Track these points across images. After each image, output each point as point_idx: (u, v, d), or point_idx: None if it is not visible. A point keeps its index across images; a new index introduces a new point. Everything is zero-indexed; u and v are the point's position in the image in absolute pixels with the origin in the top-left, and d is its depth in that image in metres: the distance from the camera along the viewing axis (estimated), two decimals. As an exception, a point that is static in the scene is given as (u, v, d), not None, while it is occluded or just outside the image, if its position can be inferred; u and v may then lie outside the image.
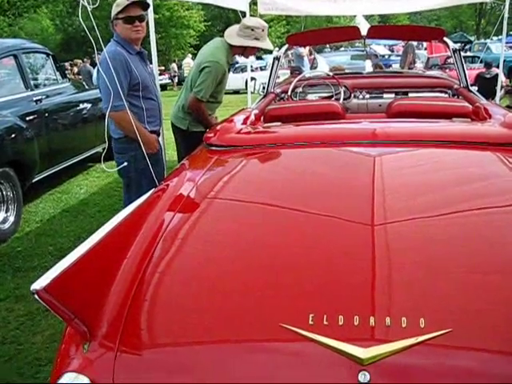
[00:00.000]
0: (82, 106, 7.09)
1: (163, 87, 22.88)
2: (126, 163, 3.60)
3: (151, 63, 4.84)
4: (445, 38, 4.03)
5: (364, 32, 4.23)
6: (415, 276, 1.45)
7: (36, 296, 1.24)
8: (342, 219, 1.75)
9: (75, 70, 18.68)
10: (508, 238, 1.62)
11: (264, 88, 4.29)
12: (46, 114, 6.04)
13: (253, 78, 9.45)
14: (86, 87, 8.30)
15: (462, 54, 4.52)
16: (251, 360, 1.31)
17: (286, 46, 4.52)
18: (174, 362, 1.33)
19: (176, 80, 26.12)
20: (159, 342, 1.43)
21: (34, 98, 5.93)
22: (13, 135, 5.28)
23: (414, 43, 13.96)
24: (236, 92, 19.36)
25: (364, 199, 1.78)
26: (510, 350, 1.25)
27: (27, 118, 5.61)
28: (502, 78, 9.36)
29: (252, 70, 16.05)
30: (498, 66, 9.73)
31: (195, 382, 1.29)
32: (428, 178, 2.06)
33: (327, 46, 28.81)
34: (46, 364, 2.89)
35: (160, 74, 22.39)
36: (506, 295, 1.39)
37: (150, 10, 4.51)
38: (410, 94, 4.18)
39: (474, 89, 3.90)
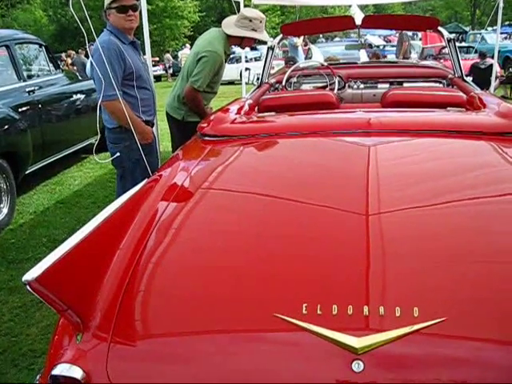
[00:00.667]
0: (75, 96, 7.05)
1: (158, 78, 22.80)
2: (119, 153, 3.59)
3: (144, 54, 4.81)
4: (439, 28, 4.01)
5: (358, 22, 4.21)
6: (409, 266, 1.45)
7: (28, 287, 1.24)
8: (337, 209, 1.75)
9: (69, 61, 18.54)
10: (502, 228, 1.62)
11: (258, 78, 4.27)
12: (39, 105, 6.00)
13: (247, 69, 9.43)
14: (80, 78, 8.26)
15: (457, 44, 4.51)
16: (245, 350, 1.31)
17: (281, 35, 4.49)
18: (167, 352, 1.32)
19: (171, 71, 25.99)
20: (152, 332, 1.42)
21: (27, 89, 5.89)
22: (6, 126, 5.24)
23: (409, 33, 13.96)
24: (231, 83, 19.27)
25: (359, 189, 1.78)
26: (502, 339, 1.25)
27: (20, 109, 5.58)
28: (496, 69, 9.36)
29: (246, 61, 16.00)
30: (492, 57, 9.73)
31: (189, 372, 1.28)
32: (422, 167, 2.05)
33: (321, 36, 28.77)
34: (41, 355, 2.89)
35: (154, 65, 22.37)
36: (499, 284, 1.39)
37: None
38: (405, 84, 4.17)
39: (469, 79, 3.90)
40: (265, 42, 4.61)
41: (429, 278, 1.40)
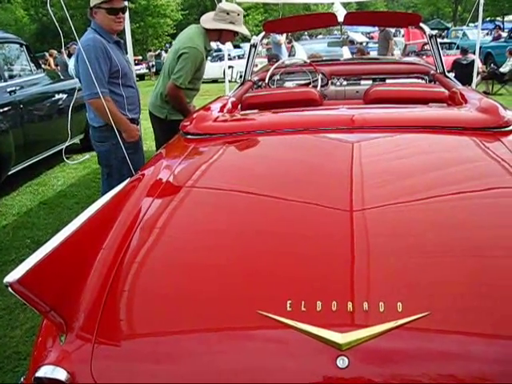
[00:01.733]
0: (57, 96, 7.00)
1: (141, 77, 22.69)
2: (105, 152, 3.60)
3: (127, 53, 4.79)
4: (421, 24, 4.03)
5: (341, 19, 4.21)
6: (393, 261, 1.45)
7: (10, 289, 1.22)
8: (321, 205, 1.75)
9: (51, 60, 18.32)
10: (484, 222, 1.63)
11: (241, 76, 4.26)
12: (21, 106, 5.96)
13: (230, 67, 9.42)
14: (62, 78, 8.20)
15: (439, 40, 4.53)
16: (229, 348, 1.31)
17: (263, 33, 4.48)
18: (152, 351, 1.32)
19: (154, 70, 25.86)
20: (137, 332, 1.42)
21: (8, 89, 5.84)
22: (-14, 127, 5.21)
23: (392, 30, 13.99)
24: (214, 81, 19.29)
25: (343, 185, 1.78)
26: (487, 332, 1.26)
27: (1, 110, 5.54)
28: (478, 64, 9.44)
29: (230, 59, 16.00)
30: (474, 53, 9.81)
31: (174, 371, 1.28)
32: (406, 163, 2.06)
33: (305, 33, 28.82)
34: (25, 358, 2.86)
35: (137, 64, 22.25)
36: (482, 278, 1.40)
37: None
38: (387, 81, 4.19)
39: (451, 75, 3.92)
40: (248, 40, 4.60)
41: (412, 273, 1.41)
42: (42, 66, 8.04)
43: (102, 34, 3.47)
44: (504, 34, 19.76)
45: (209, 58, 4.43)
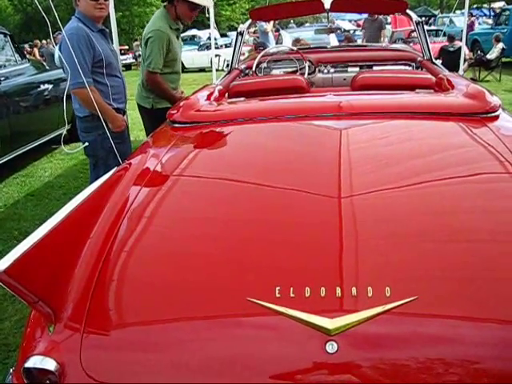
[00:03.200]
0: (43, 86, 6.93)
1: (127, 67, 22.50)
2: (92, 142, 3.58)
3: (113, 42, 4.76)
4: (408, 11, 4.03)
5: (327, 6, 4.20)
6: (380, 246, 1.46)
7: None
8: (309, 192, 1.75)
9: (35, 51, 18.11)
10: (472, 208, 1.64)
11: (228, 65, 4.24)
12: (6, 96, 5.89)
13: (217, 55, 9.36)
14: (47, 68, 8.13)
15: (426, 27, 4.53)
16: (219, 336, 1.31)
17: (250, 20, 4.46)
18: (141, 340, 1.32)
19: (140, 59, 25.66)
20: (125, 321, 1.41)
21: (-7, 80, 5.79)
22: (-28, 119, 5.16)
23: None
24: (202, 70, 19.19)
25: (331, 172, 1.78)
26: (474, 316, 1.27)
27: (-14, 101, 5.48)
28: (465, 51, 9.44)
29: (217, 48, 15.92)
30: (461, 40, 9.82)
31: (164, 360, 1.28)
32: (393, 149, 2.07)
33: (291, 21, 28.70)
34: (15, 349, 2.85)
35: (124, 54, 22.06)
36: (469, 262, 1.41)
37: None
38: (375, 68, 4.19)
39: (438, 62, 3.92)
40: (235, 28, 4.57)
41: (400, 258, 1.42)
42: (27, 56, 7.96)
43: (85, 22, 3.43)
44: (490, 21, 19.80)
45: (196, 47, 4.38)
